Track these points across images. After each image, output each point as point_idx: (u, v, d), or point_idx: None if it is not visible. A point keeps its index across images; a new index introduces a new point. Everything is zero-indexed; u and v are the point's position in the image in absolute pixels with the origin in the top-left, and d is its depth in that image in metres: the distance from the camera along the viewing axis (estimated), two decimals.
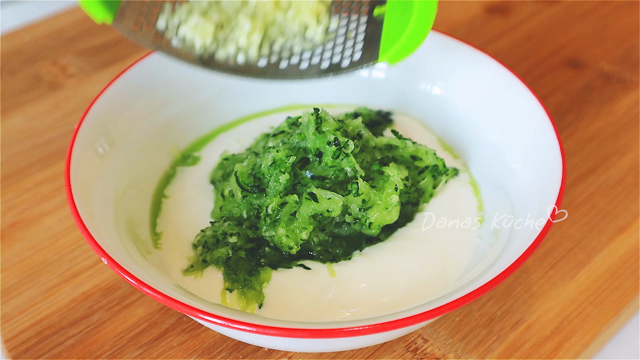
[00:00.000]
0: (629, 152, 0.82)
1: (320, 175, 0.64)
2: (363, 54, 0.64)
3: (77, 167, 0.63)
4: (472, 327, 0.65)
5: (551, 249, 0.72)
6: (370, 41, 0.65)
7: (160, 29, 0.64)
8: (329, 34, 0.66)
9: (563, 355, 0.64)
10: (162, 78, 0.75)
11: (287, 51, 0.65)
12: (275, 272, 0.64)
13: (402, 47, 0.62)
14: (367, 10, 0.67)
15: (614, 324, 0.67)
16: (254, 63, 0.64)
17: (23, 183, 0.80)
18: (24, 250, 0.72)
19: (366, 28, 0.66)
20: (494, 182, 0.71)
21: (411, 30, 0.60)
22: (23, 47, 0.99)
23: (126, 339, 0.65)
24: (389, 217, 0.64)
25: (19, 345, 0.64)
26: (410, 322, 0.52)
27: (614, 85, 0.92)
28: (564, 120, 0.86)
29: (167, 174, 0.75)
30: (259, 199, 0.65)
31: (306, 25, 0.66)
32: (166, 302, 0.53)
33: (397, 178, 0.65)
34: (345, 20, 0.67)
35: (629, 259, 0.71)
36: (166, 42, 0.63)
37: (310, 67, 0.65)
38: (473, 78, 0.74)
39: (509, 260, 0.56)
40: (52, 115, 0.89)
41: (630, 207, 0.76)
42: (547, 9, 1.05)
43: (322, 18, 0.67)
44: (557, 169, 0.63)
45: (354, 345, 0.62)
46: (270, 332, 0.52)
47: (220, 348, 0.64)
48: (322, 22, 0.67)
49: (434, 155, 0.69)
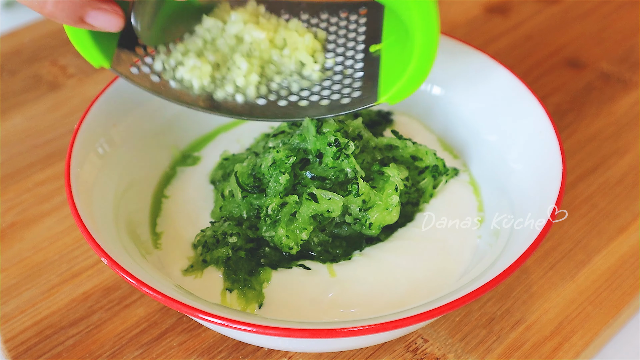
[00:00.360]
0: (629, 152, 0.82)
1: (320, 176, 0.64)
2: (363, 92, 0.64)
3: (77, 167, 0.63)
4: (472, 327, 0.65)
5: (551, 249, 0.72)
6: (369, 78, 0.65)
7: (157, 70, 0.65)
8: (326, 72, 0.67)
9: (563, 355, 0.64)
10: None
11: (285, 90, 0.66)
12: (275, 272, 0.64)
13: (403, 88, 0.62)
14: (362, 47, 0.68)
15: (614, 324, 0.67)
16: (254, 102, 0.65)
17: (23, 183, 0.80)
18: (24, 250, 0.72)
19: (363, 65, 0.66)
20: (494, 182, 0.71)
21: (412, 72, 0.60)
22: (23, 47, 0.99)
23: (126, 339, 0.65)
24: (389, 217, 0.64)
25: (19, 345, 0.64)
26: (410, 322, 0.52)
27: (614, 85, 0.92)
28: (564, 120, 0.86)
29: (167, 174, 0.75)
30: (259, 199, 0.65)
31: (302, 62, 0.66)
32: (166, 302, 0.53)
33: (398, 178, 0.65)
34: (342, 58, 0.68)
35: (629, 259, 0.71)
36: (164, 84, 0.64)
37: (311, 106, 0.65)
38: (473, 78, 0.74)
39: (509, 260, 0.56)
40: (52, 115, 0.89)
41: (630, 207, 0.76)
42: (547, 9, 1.05)
43: (317, 56, 0.67)
44: (557, 169, 0.63)
45: (354, 345, 0.62)
46: (270, 332, 0.52)
47: (220, 348, 0.64)
48: (318, 60, 0.67)
49: (434, 155, 0.69)
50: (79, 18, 0.57)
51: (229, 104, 0.65)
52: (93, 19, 0.58)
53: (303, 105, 0.65)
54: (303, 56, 0.66)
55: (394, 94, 0.62)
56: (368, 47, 0.68)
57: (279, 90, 0.66)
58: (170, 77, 0.65)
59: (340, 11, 0.71)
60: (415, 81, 0.61)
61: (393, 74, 0.63)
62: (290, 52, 0.66)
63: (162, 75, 0.65)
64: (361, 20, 0.70)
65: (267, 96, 0.65)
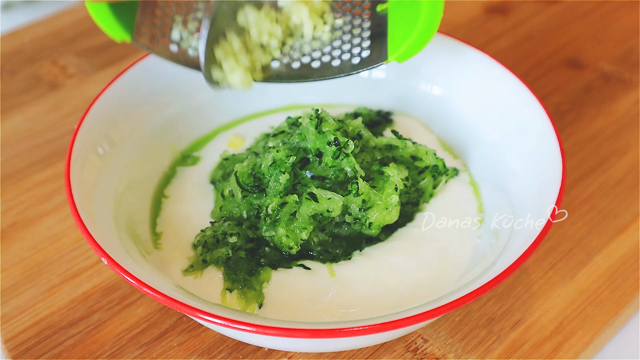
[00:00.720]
0: (629, 152, 0.82)
1: (320, 176, 0.64)
2: (372, 51, 0.66)
3: (77, 167, 0.63)
4: (472, 327, 0.65)
5: (551, 249, 0.72)
6: (377, 38, 0.66)
7: (175, 40, 0.67)
8: (335, 32, 0.68)
9: (563, 355, 0.64)
10: (162, 78, 0.75)
11: (297, 51, 0.67)
12: (275, 272, 0.64)
13: (411, 46, 0.63)
14: (369, 6, 0.68)
15: (614, 324, 0.67)
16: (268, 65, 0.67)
17: (23, 183, 0.80)
18: (24, 250, 0.72)
19: (371, 24, 0.67)
20: (494, 182, 0.71)
21: (419, 29, 0.61)
22: (23, 47, 0.99)
23: (126, 339, 0.65)
24: (389, 217, 0.64)
25: (19, 345, 0.64)
26: (410, 322, 0.52)
27: (614, 85, 0.92)
28: (564, 120, 0.86)
29: (167, 174, 0.75)
30: (259, 199, 0.65)
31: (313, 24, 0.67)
32: (166, 302, 0.53)
33: (397, 178, 0.65)
34: (349, 17, 0.68)
35: (629, 259, 0.71)
36: (183, 53, 0.67)
37: (323, 66, 0.67)
38: (473, 78, 0.74)
39: (509, 260, 0.56)
40: (52, 115, 0.89)
41: (630, 207, 0.76)
42: (547, 9, 1.05)
43: (326, 16, 0.68)
44: (557, 169, 0.63)
45: (354, 345, 0.62)
46: (270, 332, 0.52)
47: (220, 348, 0.64)
48: (327, 20, 0.68)
49: (434, 155, 0.69)
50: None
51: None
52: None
53: (315, 66, 0.67)
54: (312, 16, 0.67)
55: (402, 52, 0.63)
56: (375, 6, 0.68)
57: (291, 53, 0.67)
58: (188, 45, 0.67)
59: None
60: (423, 38, 0.62)
61: (401, 32, 0.64)
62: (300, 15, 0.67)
63: (180, 44, 0.67)
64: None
65: (281, 59, 0.67)
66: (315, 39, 0.67)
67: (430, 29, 0.61)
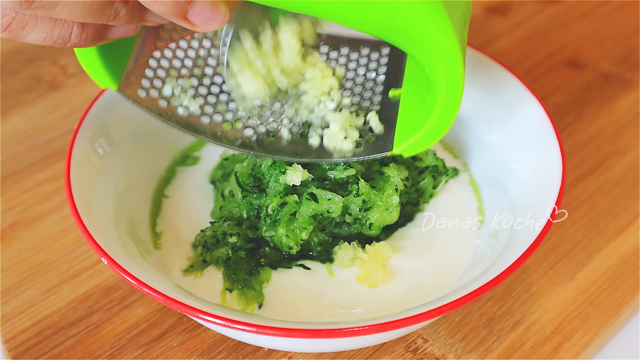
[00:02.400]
0: (629, 152, 0.82)
1: (320, 176, 0.64)
2: (377, 139, 0.62)
3: (77, 167, 0.63)
4: (472, 327, 0.65)
5: (551, 249, 0.72)
6: (385, 124, 0.62)
7: (166, 95, 0.63)
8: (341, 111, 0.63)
9: (563, 355, 0.64)
10: None
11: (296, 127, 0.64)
12: (275, 272, 0.64)
13: (419, 141, 0.59)
14: (381, 90, 0.65)
15: (614, 324, 0.67)
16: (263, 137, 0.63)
17: (23, 183, 0.80)
18: (24, 250, 0.72)
19: (380, 109, 0.64)
20: (494, 182, 0.71)
21: (431, 127, 0.57)
22: (23, 47, 0.99)
23: (126, 339, 0.65)
24: (389, 217, 0.64)
25: (19, 345, 0.64)
26: (410, 322, 0.52)
27: (614, 85, 0.92)
28: (564, 120, 0.86)
29: (167, 174, 0.75)
30: (259, 199, 0.65)
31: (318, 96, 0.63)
32: (166, 302, 0.53)
33: (398, 179, 0.65)
34: (358, 98, 0.65)
35: (629, 259, 0.71)
36: (171, 110, 0.62)
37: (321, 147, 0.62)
38: (473, 78, 0.74)
39: (509, 260, 0.56)
40: (52, 115, 0.89)
41: (630, 207, 0.76)
42: (547, 9, 1.05)
43: (334, 93, 0.64)
44: (557, 169, 0.63)
45: (354, 345, 0.62)
46: (270, 332, 0.52)
47: (220, 348, 0.64)
48: (334, 98, 0.64)
49: (434, 155, 0.69)
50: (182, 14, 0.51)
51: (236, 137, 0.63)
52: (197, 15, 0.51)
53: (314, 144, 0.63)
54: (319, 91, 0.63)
55: (409, 146, 0.59)
56: (387, 90, 0.65)
57: (290, 127, 0.63)
58: (179, 104, 0.63)
59: (362, 47, 0.68)
60: (433, 136, 0.58)
61: (410, 123, 0.60)
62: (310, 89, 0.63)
63: (170, 100, 0.63)
64: (382, 61, 0.67)
65: (278, 132, 0.63)
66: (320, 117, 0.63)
67: (443, 127, 0.57)
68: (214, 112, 0.64)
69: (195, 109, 0.63)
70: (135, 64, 0.62)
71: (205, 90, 0.64)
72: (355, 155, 0.62)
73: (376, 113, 0.63)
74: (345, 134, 0.62)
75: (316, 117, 0.63)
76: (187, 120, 0.63)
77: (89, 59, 0.59)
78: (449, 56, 0.53)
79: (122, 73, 0.61)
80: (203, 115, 0.63)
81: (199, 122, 0.63)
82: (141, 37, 0.63)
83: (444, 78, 0.54)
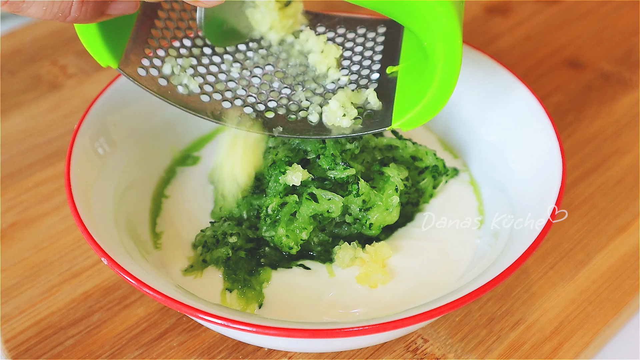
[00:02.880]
0: (629, 152, 0.82)
1: (320, 176, 0.64)
2: (375, 114, 0.62)
3: (77, 167, 0.63)
4: (472, 327, 0.65)
5: (551, 249, 0.72)
6: (383, 101, 0.63)
7: (166, 74, 0.63)
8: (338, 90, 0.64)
9: (563, 355, 0.64)
10: None
11: (295, 104, 0.64)
12: (275, 272, 0.64)
13: (418, 115, 0.59)
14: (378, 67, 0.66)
15: (614, 324, 0.67)
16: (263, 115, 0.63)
17: (23, 183, 0.80)
18: (24, 250, 0.72)
19: (378, 86, 0.64)
20: (494, 182, 0.71)
21: (429, 100, 0.58)
22: (23, 47, 0.99)
23: (126, 339, 0.65)
24: (389, 217, 0.64)
25: (19, 345, 0.64)
26: (410, 322, 0.52)
27: (614, 85, 0.92)
28: (564, 120, 0.86)
29: (167, 174, 0.75)
30: (259, 199, 0.65)
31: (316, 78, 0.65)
32: (166, 302, 0.53)
33: (398, 179, 0.65)
34: (356, 76, 0.65)
35: (629, 259, 0.71)
36: (171, 89, 0.63)
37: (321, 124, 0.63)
38: (473, 78, 0.74)
39: (509, 260, 0.56)
40: (52, 115, 0.89)
41: (630, 207, 0.76)
42: (547, 9, 1.05)
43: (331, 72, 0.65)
44: (557, 169, 0.63)
45: (354, 345, 0.62)
46: (270, 332, 0.52)
47: (220, 348, 0.64)
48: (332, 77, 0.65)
49: (434, 155, 0.69)
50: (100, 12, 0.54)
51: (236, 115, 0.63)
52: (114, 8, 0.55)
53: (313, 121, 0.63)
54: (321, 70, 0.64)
55: (408, 120, 0.60)
56: (384, 67, 0.65)
57: (288, 105, 0.64)
58: (178, 83, 0.63)
59: (358, 27, 0.69)
60: (432, 109, 0.58)
61: (409, 98, 0.61)
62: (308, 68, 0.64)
63: (170, 79, 0.63)
64: (379, 39, 0.68)
65: (277, 110, 0.64)
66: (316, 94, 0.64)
67: (441, 101, 0.58)
68: (213, 91, 0.64)
69: (194, 87, 0.63)
70: (134, 43, 0.63)
71: (204, 69, 0.65)
72: (355, 132, 0.62)
73: (374, 90, 0.63)
74: (344, 111, 0.62)
75: (315, 95, 0.64)
76: (187, 99, 0.63)
77: (89, 37, 0.60)
78: (447, 27, 0.53)
79: (122, 52, 0.62)
80: (203, 94, 0.63)
81: (199, 101, 0.63)
82: (140, 16, 0.64)
83: (442, 49, 0.54)
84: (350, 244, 0.64)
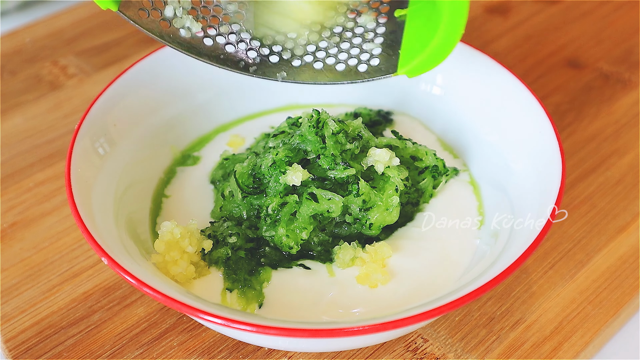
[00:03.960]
0: (629, 152, 0.82)
1: (320, 176, 0.64)
2: (381, 60, 0.61)
3: (77, 167, 0.63)
4: (472, 327, 0.65)
5: (551, 249, 0.72)
6: (390, 47, 0.62)
7: (168, 17, 0.62)
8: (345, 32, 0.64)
9: (563, 355, 0.64)
10: (162, 78, 0.75)
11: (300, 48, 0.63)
12: (275, 272, 0.64)
13: (424, 61, 0.58)
14: (387, 9, 0.64)
15: (613, 324, 0.67)
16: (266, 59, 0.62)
17: (23, 183, 0.80)
18: (24, 250, 0.73)
19: (385, 31, 0.63)
20: (494, 182, 0.71)
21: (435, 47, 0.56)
22: (23, 47, 0.99)
23: (126, 338, 0.65)
24: (389, 217, 0.64)
25: (19, 345, 0.64)
26: (410, 322, 0.52)
27: (614, 85, 0.92)
28: (564, 120, 0.86)
29: (167, 174, 0.75)
30: (259, 199, 0.65)
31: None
32: (166, 302, 0.53)
33: (398, 179, 0.65)
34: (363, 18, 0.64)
35: (628, 259, 0.71)
36: (174, 32, 0.62)
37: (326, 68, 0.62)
38: (473, 78, 0.74)
39: (509, 260, 0.56)
40: (53, 115, 0.89)
41: (630, 207, 0.76)
42: (547, 9, 1.05)
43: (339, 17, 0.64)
44: (557, 169, 0.63)
45: (353, 345, 0.62)
46: (270, 332, 0.52)
47: (220, 348, 0.64)
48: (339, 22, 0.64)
49: (434, 155, 0.69)
50: None
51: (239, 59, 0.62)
52: None
53: (318, 67, 0.62)
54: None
55: (413, 67, 0.59)
56: (392, 11, 0.63)
57: (293, 48, 0.63)
58: (181, 25, 0.62)
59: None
60: (437, 56, 0.57)
61: (415, 45, 0.59)
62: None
63: (172, 22, 0.62)
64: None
65: (281, 54, 0.62)
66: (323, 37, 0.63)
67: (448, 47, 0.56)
68: (217, 34, 0.63)
69: (197, 30, 0.62)
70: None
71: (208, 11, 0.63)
72: (360, 78, 0.61)
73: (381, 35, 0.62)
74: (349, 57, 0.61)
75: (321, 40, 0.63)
76: (190, 43, 0.62)
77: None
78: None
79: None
80: (206, 37, 0.62)
81: (201, 44, 0.62)
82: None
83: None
84: (350, 244, 0.64)
